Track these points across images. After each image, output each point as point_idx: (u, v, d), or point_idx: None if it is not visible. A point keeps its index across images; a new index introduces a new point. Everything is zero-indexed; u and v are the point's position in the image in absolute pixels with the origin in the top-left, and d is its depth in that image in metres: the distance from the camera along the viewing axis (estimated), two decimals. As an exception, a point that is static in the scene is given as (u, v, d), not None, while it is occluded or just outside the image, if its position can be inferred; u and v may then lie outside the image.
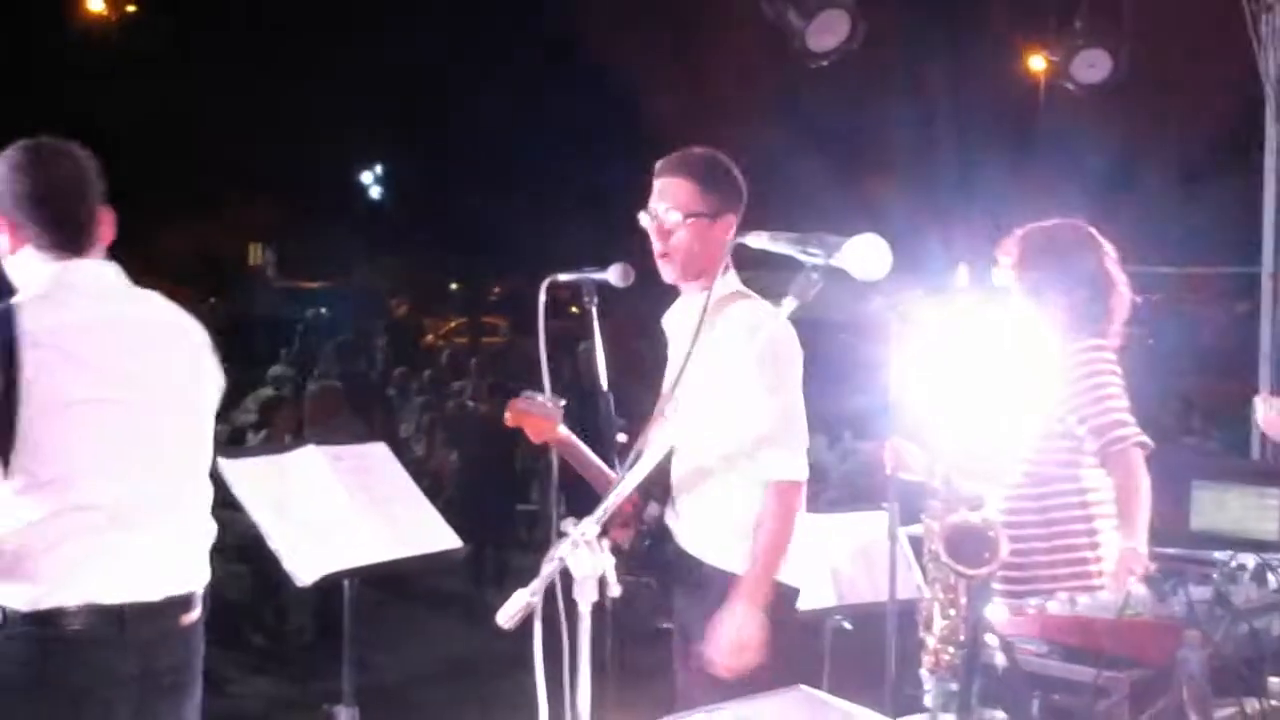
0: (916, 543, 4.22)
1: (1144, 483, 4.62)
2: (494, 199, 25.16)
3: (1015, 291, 4.80)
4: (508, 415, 4.45)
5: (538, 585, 2.90)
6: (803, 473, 4.17)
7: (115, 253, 3.96)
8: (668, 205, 4.25)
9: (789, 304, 2.96)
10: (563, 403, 4.45)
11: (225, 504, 4.22)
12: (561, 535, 2.97)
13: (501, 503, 11.29)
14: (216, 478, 4.16)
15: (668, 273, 4.33)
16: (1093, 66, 8.45)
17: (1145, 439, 4.67)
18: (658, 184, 4.31)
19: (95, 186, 3.89)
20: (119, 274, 3.92)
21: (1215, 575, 4.01)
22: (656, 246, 4.29)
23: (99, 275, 3.87)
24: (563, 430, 4.43)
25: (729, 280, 4.27)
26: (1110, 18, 8.45)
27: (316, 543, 4.38)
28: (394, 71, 24.96)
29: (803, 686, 3.58)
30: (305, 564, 4.29)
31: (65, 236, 3.82)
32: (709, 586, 4.21)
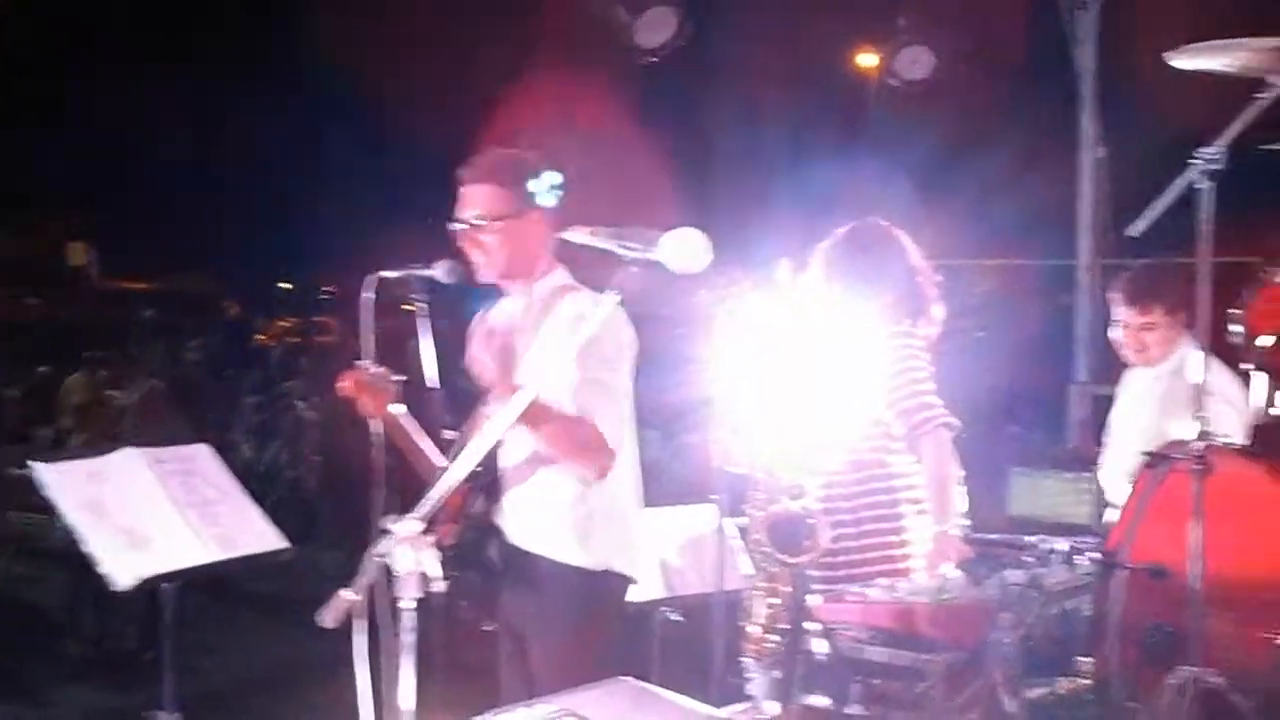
0: (744, 534, 4.28)
1: (952, 464, 4.71)
2: (325, 198, 24.86)
3: (830, 290, 4.86)
4: (344, 384, 4.37)
5: (359, 583, 2.88)
6: (614, 441, 4.14)
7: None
8: (474, 212, 4.25)
9: (610, 298, 2.97)
10: (402, 379, 4.39)
11: (41, 509, 4.13)
12: (384, 532, 2.95)
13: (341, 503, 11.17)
14: (32, 482, 4.07)
15: (486, 276, 4.32)
16: (916, 63, 8.61)
17: (952, 420, 4.75)
18: (462, 192, 4.31)
19: None
20: None
21: (1029, 559, 4.12)
22: (472, 254, 4.29)
23: None
24: (398, 409, 4.38)
25: (556, 275, 4.28)
26: (932, 15, 8.61)
27: (135, 547, 4.31)
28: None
29: (627, 678, 3.60)
30: (123, 568, 4.21)
31: None
32: (541, 580, 4.22)
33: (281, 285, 32.97)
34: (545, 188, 4.31)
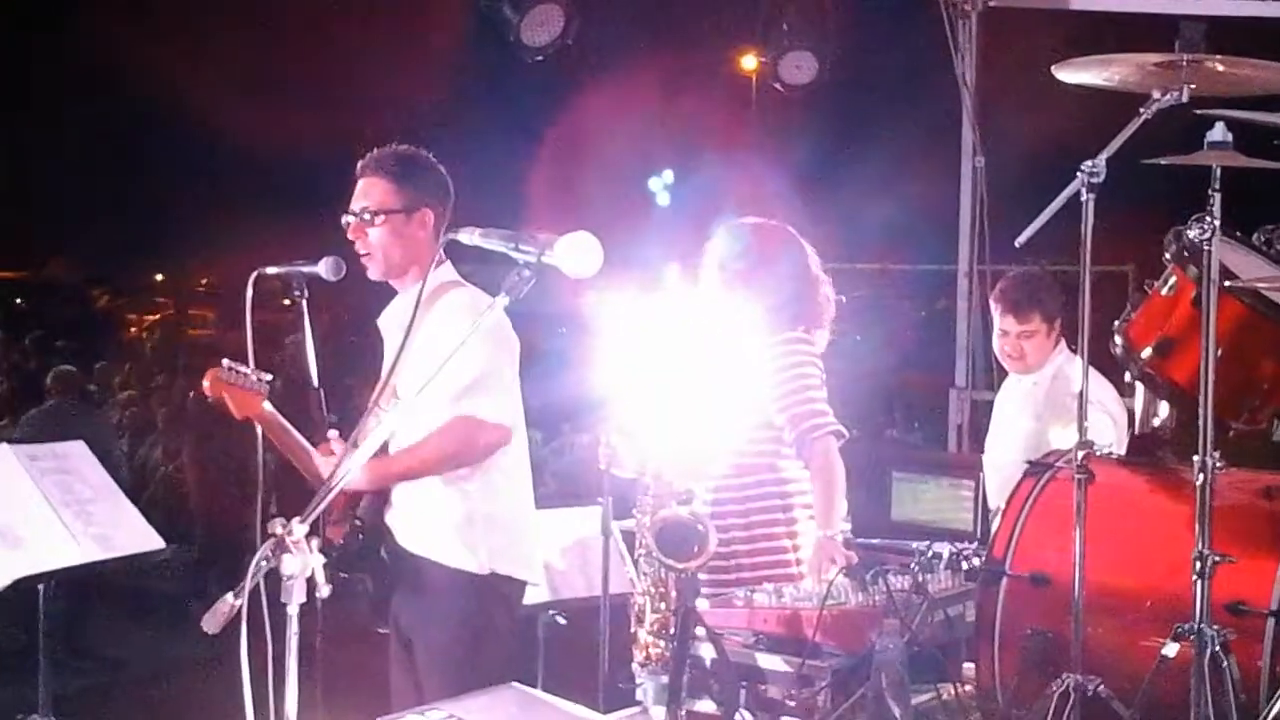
0: (630, 537, 4.27)
1: (839, 471, 4.74)
2: (199, 187, 24.46)
3: (721, 290, 4.86)
4: (206, 384, 4.29)
5: (243, 587, 2.82)
6: (495, 414, 4.12)
7: None
8: (363, 205, 4.23)
9: (501, 300, 2.95)
10: (268, 378, 4.32)
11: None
12: (269, 536, 2.90)
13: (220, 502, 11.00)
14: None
15: (372, 271, 4.30)
16: (799, 68, 8.65)
17: (840, 428, 4.78)
18: (358, 185, 4.31)
19: None
20: None
21: (913, 564, 4.15)
22: (358, 247, 4.26)
23: None
24: (267, 407, 4.30)
25: (443, 273, 4.25)
26: (816, 21, 8.66)
27: (9, 546, 4.20)
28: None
29: (515, 684, 3.58)
30: (-5, 569, 4.11)
31: None
32: (426, 583, 4.18)
33: (156, 276, 32.45)
34: (435, 186, 4.27)
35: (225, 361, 4.29)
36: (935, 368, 10.19)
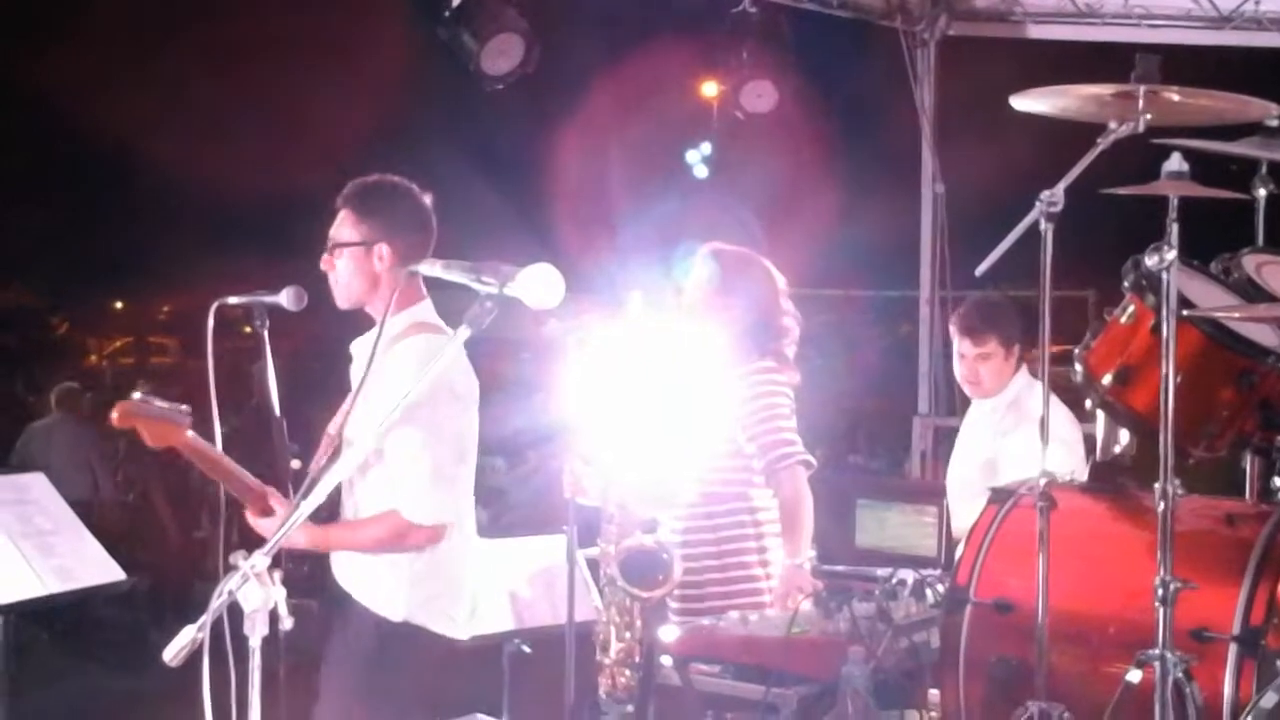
0: (595, 565, 4.26)
1: (807, 500, 4.76)
2: (160, 214, 24.36)
3: (690, 316, 4.88)
4: (114, 416, 4.20)
5: (205, 620, 2.81)
6: (427, 517, 4.02)
7: None
8: (331, 236, 4.22)
9: (463, 332, 2.95)
10: (184, 408, 4.22)
11: None
12: (231, 568, 2.89)
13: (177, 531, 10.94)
14: None
15: (340, 303, 4.26)
16: (760, 96, 8.69)
17: (809, 458, 4.81)
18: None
19: None
20: None
21: (877, 592, 4.16)
22: (329, 277, 4.24)
23: None
24: (189, 436, 4.21)
25: (417, 310, 4.17)
26: (775, 50, 8.70)
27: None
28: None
29: (479, 715, 3.57)
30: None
31: None
32: (347, 620, 4.13)
33: (116, 303, 32.26)
34: (403, 219, 4.24)
35: (136, 394, 4.22)
36: (899, 393, 10.22)
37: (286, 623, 2.92)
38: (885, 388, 11.86)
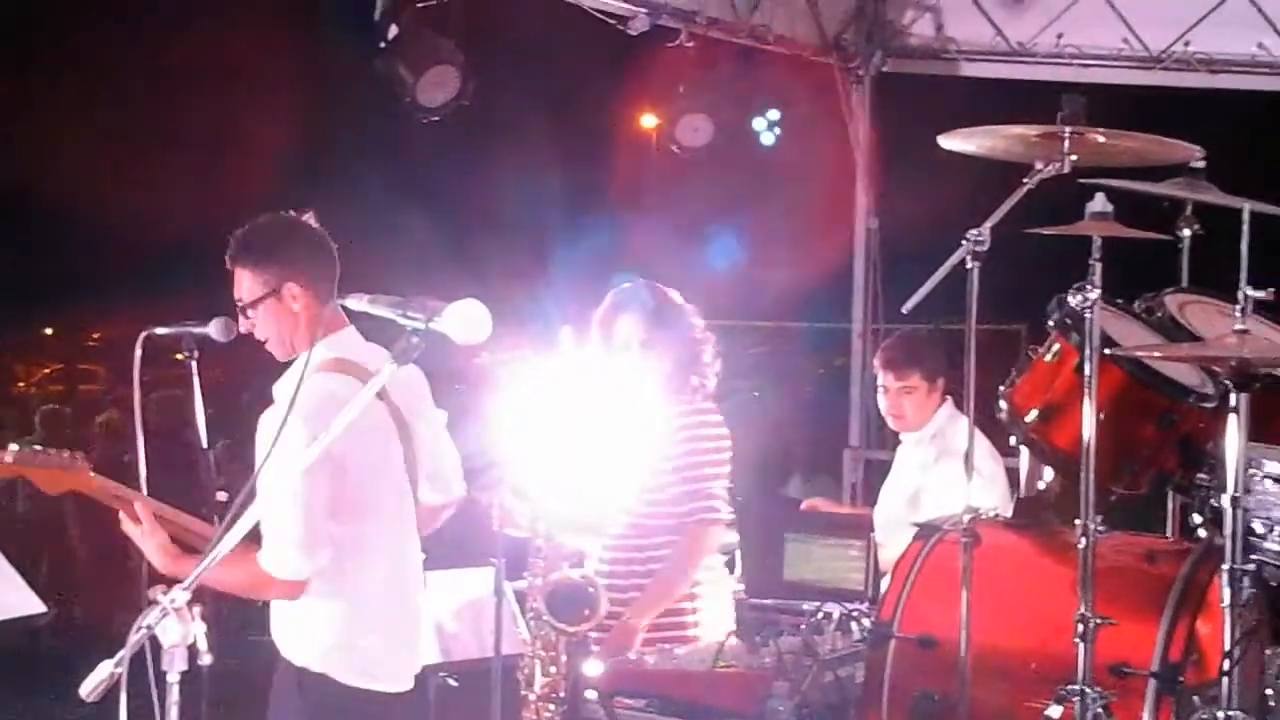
0: (524, 598, 4.25)
1: (693, 564, 4.71)
2: (90, 242, 24.10)
3: (615, 351, 4.87)
4: None
5: (123, 655, 2.78)
6: (284, 572, 3.84)
7: None
8: (238, 298, 4.04)
9: (389, 368, 2.93)
10: (74, 454, 4.12)
11: None
12: (151, 603, 2.86)
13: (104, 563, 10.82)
14: None
15: (277, 355, 4.11)
16: (696, 130, 8.73)
17: (726, 519, 4.77)
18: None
19: None
20: None
21: (803, 626, 4.18)
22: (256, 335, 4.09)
23: None
24: (92, 478, 4.05)
25: (339, 339, 4.02)
26: (711, 84, 8.75)
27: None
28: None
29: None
30: None
31: None
32: (274, 665, 4.04)
33: (45, 330, 31.90)
34: (298, 252, 4.03)
35: (14, 445, 4.10)
36: (832, 425, 10.26)
37: (206, 658, 2.89)
38: (819, 420, 11.89)
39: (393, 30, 7.06)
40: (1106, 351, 3.79)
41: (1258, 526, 3.82)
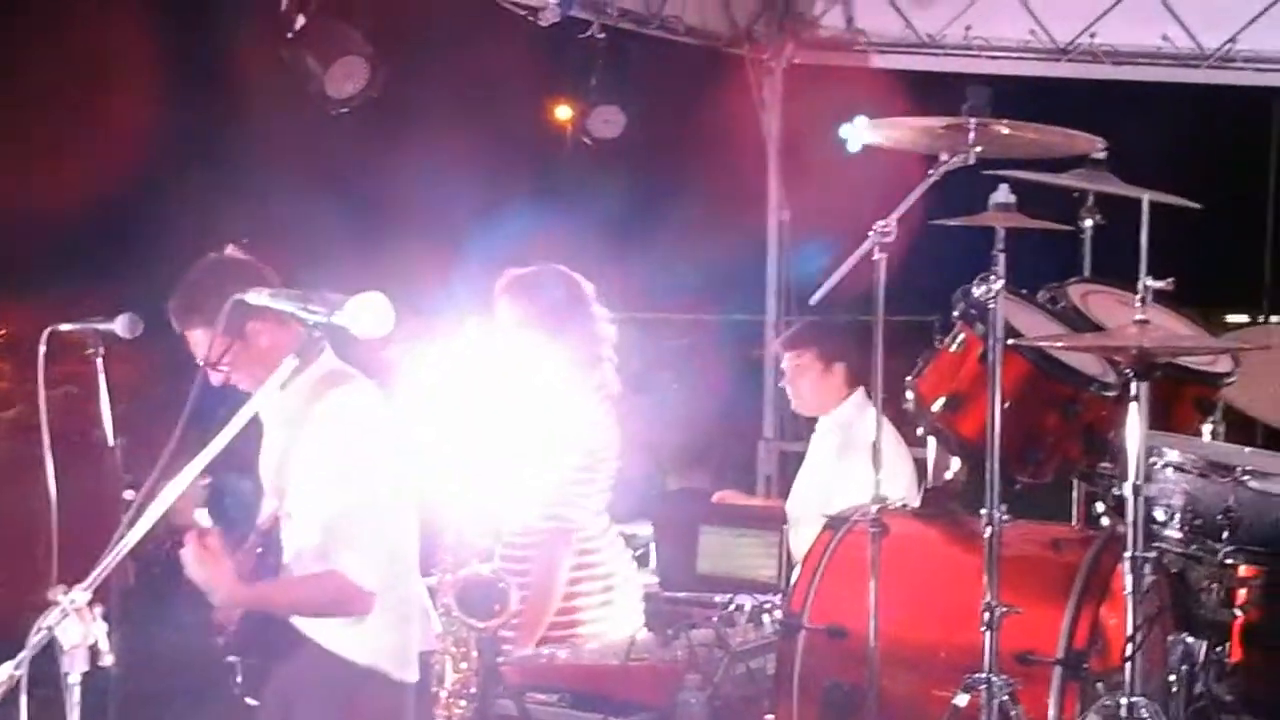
0: (433, 594, 4.22)
1: (554, 577, 4.66)
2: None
3: (524, 339, 4.82)
4: None
5: (23, 657, 2.73)
6: (366, 579, 3.83)
7: None
8: (202, 356, 3.87)
9: (290, 363, 2.90)
10: None
11: None
12: (51, 604, 2.81)
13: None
14: None
15: (248, 388, 4.02)
16: (608, 122, 8.71)
17: (569, 527, 4.73)
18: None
19: None
20: None
21: (715, 618, 4.19)
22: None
23: None
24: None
25: (326, 360, 3.97)
26: (623, 76, 8.73)
27: None
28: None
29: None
30: None
31: None
32: (316, 666, 3.97)
33: (-49, 327, 31.35)
34: (243, 287, 3.98)
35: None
36: (748, 417, 10.27)
37: (107, 659, 2.85)
38: (735, 412, 11.90)
39: (300, 20, 6.97)
40: (1010, 341, 3.82)
41: (1159, 514, 3.88)
